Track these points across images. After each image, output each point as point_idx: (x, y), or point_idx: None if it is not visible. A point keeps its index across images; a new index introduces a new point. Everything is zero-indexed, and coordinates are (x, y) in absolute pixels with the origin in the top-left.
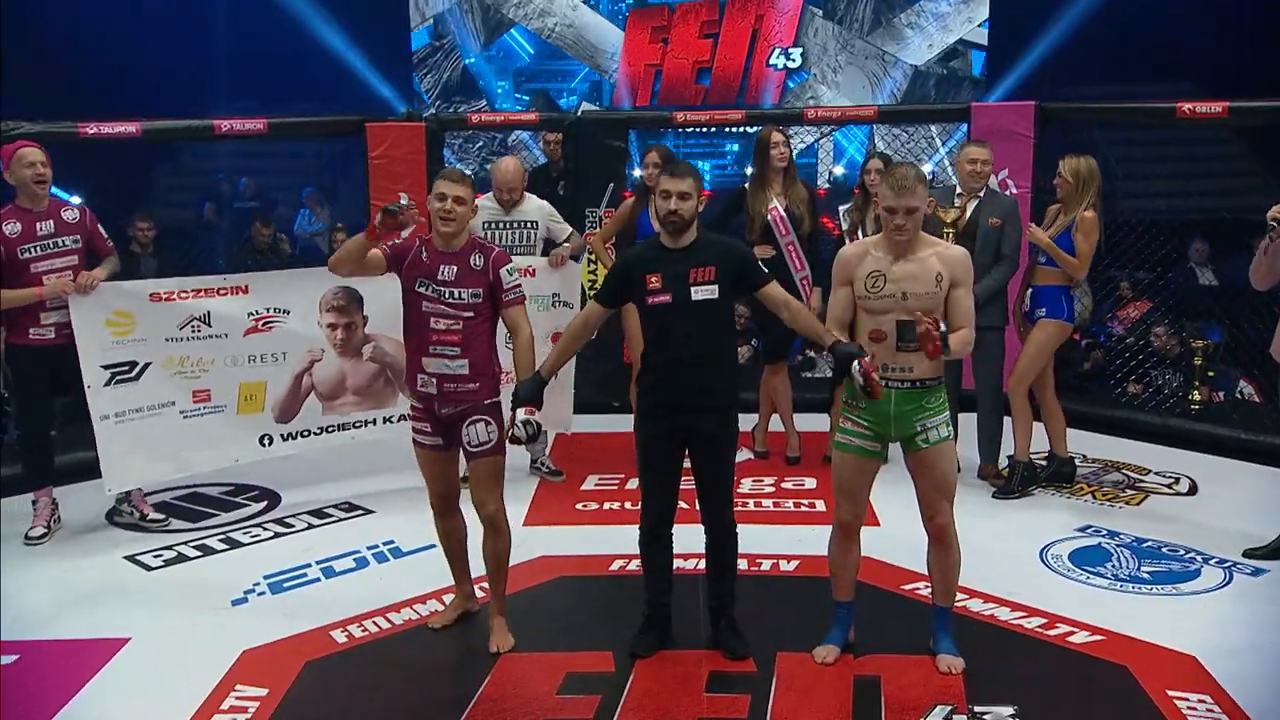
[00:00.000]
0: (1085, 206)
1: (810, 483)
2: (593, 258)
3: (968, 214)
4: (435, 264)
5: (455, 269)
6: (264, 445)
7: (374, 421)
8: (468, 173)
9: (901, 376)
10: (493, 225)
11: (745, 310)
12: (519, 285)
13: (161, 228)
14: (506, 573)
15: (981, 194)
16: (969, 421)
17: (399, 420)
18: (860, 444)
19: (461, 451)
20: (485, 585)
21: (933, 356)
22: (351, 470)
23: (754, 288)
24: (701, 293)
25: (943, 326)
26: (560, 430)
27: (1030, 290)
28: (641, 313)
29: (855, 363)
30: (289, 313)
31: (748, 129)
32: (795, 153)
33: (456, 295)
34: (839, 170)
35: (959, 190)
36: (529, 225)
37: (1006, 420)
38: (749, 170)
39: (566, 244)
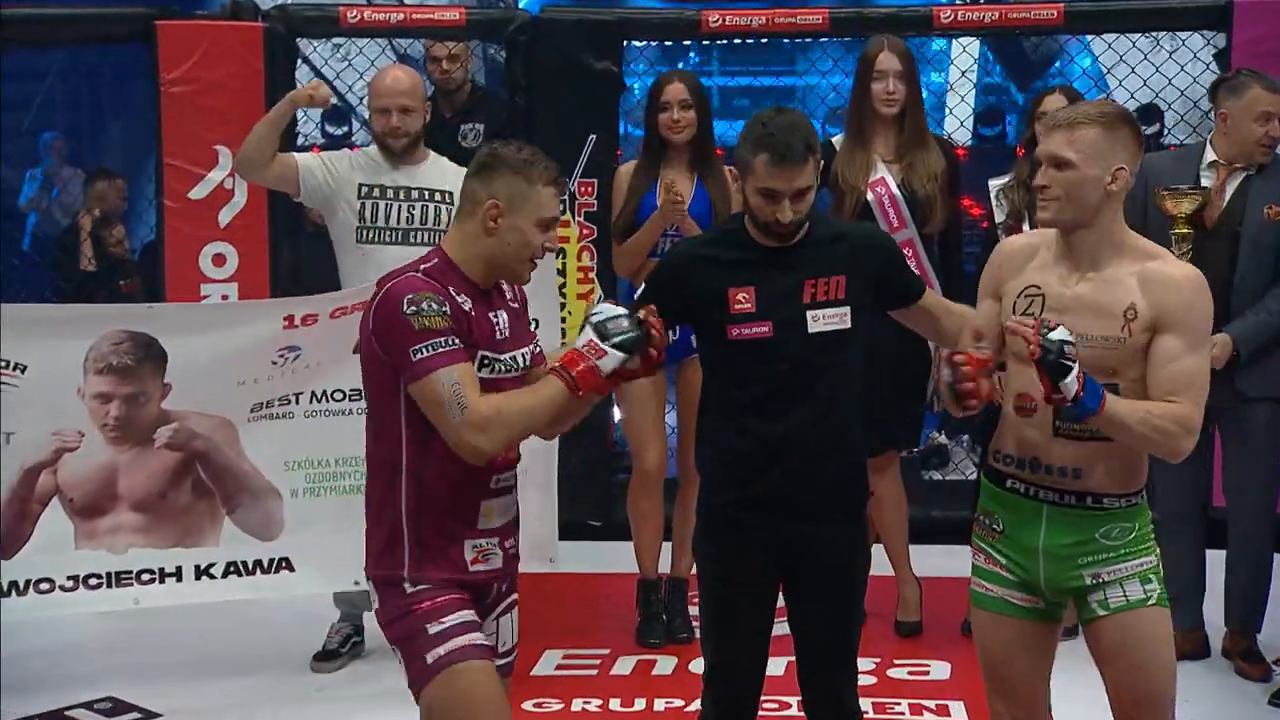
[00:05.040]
0: None
1: (941, 669)
2: (562, 263)
3: (1225, 201)
4: (484, 309)
5: (505, 315)
6: None
7: (175, 574)
8: None
9: (1061, 486)
10: (375, 193)
11: None
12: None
13: None
14: None
15: (1253, 169)
16: (1216, 562)
17: (225, 574)
18: (1003, 594)
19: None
20: None
21: (1025, 412)
22: (119, 641)
23: (907, 300)
24: (825, 320)
25: (1057, 335)
26: (542, 559)
27: None
28: (716, 351)
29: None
30: (25, 369)
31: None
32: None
33: (522, 361)
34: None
35: (1211, 159)
36: (435, 198)
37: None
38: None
39: None
